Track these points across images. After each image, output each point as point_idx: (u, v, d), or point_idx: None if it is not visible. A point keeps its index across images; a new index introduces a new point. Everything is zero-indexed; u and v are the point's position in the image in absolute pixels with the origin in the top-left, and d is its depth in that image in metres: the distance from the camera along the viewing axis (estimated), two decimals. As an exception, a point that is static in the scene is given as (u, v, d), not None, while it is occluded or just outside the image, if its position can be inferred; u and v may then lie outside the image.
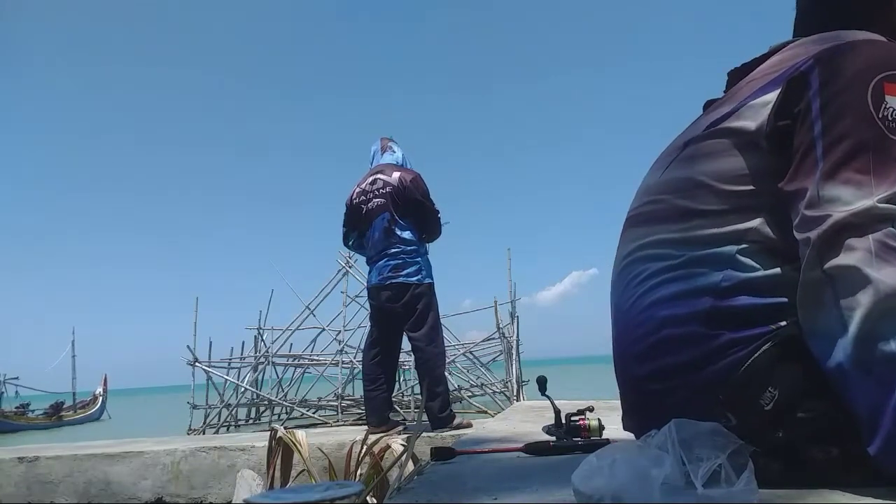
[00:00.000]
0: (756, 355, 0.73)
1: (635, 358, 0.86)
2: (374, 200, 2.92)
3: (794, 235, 0.73)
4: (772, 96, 0.78)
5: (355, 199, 3.01)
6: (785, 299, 0.74)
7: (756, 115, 0.79)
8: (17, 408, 15.18)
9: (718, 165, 0.81)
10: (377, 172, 2.99)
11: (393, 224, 2.88)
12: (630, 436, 0.96)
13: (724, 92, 0.93)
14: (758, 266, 0.76)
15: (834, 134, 0.72)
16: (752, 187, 0.78)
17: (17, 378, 17.87)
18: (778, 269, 0.75)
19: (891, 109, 0.71)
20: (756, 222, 0.77)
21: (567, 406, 1.47)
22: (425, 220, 2.97)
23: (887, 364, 0.64)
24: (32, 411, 15.29)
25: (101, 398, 17.52)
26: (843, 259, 0.67)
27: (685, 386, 0.78)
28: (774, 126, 0.77)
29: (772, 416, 0.72)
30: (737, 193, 0.79)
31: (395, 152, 3.11)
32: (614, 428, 1.67)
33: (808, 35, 0.84)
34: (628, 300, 0.87)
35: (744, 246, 0.77)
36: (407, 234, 2.90)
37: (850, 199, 0.69)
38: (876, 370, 0.64)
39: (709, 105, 0.95)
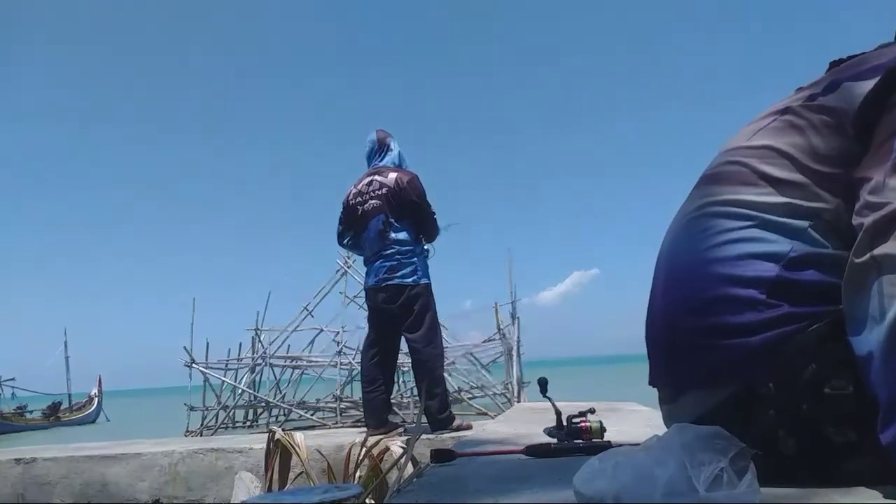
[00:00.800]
0: (808, 331, 0.74)
1: (686, 309, 0.85)
2: (371, 202, 2.93)
3: (853, 220, 0.73)
4: (869, 83, 0.78)
5: (352, 199, 3.01)
6: None
7: (850, 97, 0.79)
8: (15, 409, 15.19)
9: (808, 141, 0.81)
10: (374, 174, 2.99)
11: (388, 226, 2.88)
12: (636, 431, 0.95)
13: None
14: (827, 244, 0.77)
15: None
16: (834, 170, 0.78)
17: (13, 379, 17.85)
18: (845, 252, 0.75)
19: None
20: (832, 204, 0.78)
21: (568, 408, 1.47)
22: (421, 222, 2.97)
23: None
24: (30, 412, 15.29)
25: (96, 399, 17.48)
26: (893, 247, 0.67)
27: (733, 348, 0.78)
28: (864, 113, 0.77)
29: (801, 388, 0.73)
30: (820, 173, 0.79)
31: (392, 150, 3.11)
32: (615, 430, 1.67)
33: None
34: (692, 251, 0.87)
35: (817, 222, 0.78)
36: (402, 236, 2.90)
37: None
38: None
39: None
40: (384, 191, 2.90)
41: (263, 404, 7.69)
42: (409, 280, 2.87)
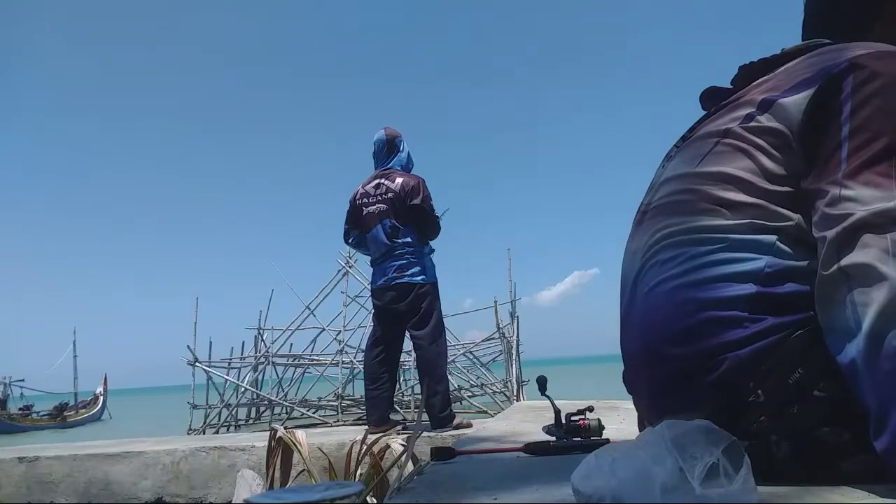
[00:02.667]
0: (792, 337, 0.74)
1: (668, 339, 0.85)
2: (377, 205, 2.97)
3: (813, 233, 0.74)
4: (804, 96, 0.78)
5: (358, 199, 3.05)
6: None
7: (788, 115, 0.79)
8: (20, 409, 15.24)
9: (757, 164, 0.82)
10: (382, 176, 3.03)
11: (395, 229, 2.93)
12: (634, 429, 0.95)
13: (732, 84, 0.94)
14: (796, 255, 0.78)
15: (861, 137, 0.73)
16: (789, 189, 0.79)
17: (22, 380, 18.00)
18: (814, 261, 0.76)
19: None
20: (794, 220, 0.79)
21: (567, 406, 1.47)
22: (424, 224, 3.00)
23: None
24: (37, 412, 15.34)
25: (101, 398, 17.56)
26: (859, 256, 0.68)
27: (721, 365, 0.78)
28: (806, 128, 0.78)
29: (791, 392, 0.73)
30: (776, 193, 0.80)
31: (401, 151, 3.13)
32: (614, 428, 1.68)
33: (815, 37, 0.86)
34: (664, 281, 0.86)
35: (782, 236, 0.79)
36: (409, 238, 2.95)
37: (870, 199, 0.69)
38: (886, 367, 0.65)
39: (713, 94, 0.96)
40: (390, 195, 2.95)
41: (266, 402, 7.72)
42: (418, 279, 2.92)
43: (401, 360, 3.40)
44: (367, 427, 2.85)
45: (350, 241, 3.20)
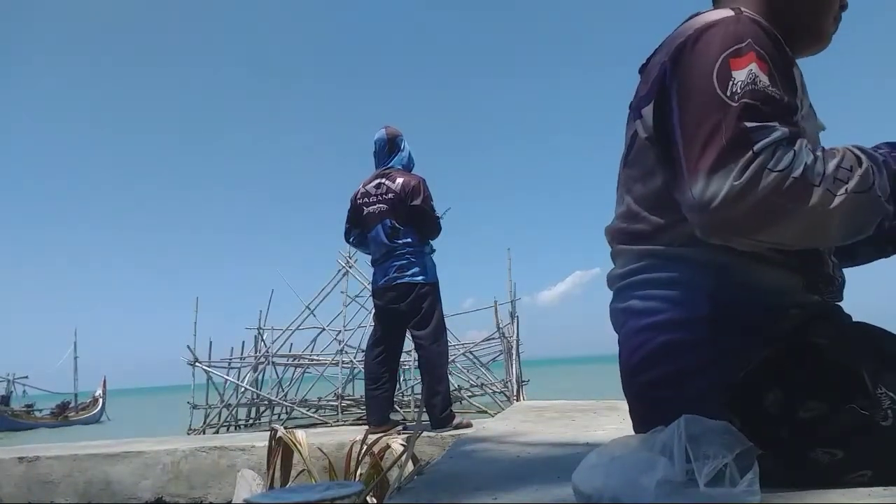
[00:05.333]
0: (759, 358, 0.73)
1: (626, 370, 0.86)
2: (377, 205, 2.97)
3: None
4: (649, 110, 0.81)
5: (359, 199, 3.05)
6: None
7: (647, 128, 0.82)
8: (23, 407, 15.39)
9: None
10: (382, 176, 3.02)
11: (395, 230, 2.93)
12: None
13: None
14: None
15: (691, 134, 0.72)
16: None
17: (26, 377, 18.01)
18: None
19: (739, 82, 0.71)
20: None
21: (567, 406, 1.47)
22: (424, 224, 2.99)
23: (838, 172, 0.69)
24: (39, 410, 15.46)
25: (100, 400, 17.60)
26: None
27: (689, 391, 0.77)
28: (658, 142, 0.80)
29: (774, 417, 0.72)
30: None
31: (402, 151, 3.12)
32: (613, 428, 1.67)
33: None
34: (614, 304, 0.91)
35: None
36: (410, 238, 2.94)
37: (719, 188, 0.68)
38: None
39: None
40: (391, 196, 2.94)
41: (266, 403, 7.71)
42: (419, 279, 2.91)
43: (401, 360, 3.39)
44: (367, 427, 2.84)
45: (351, 240, 3.20)
